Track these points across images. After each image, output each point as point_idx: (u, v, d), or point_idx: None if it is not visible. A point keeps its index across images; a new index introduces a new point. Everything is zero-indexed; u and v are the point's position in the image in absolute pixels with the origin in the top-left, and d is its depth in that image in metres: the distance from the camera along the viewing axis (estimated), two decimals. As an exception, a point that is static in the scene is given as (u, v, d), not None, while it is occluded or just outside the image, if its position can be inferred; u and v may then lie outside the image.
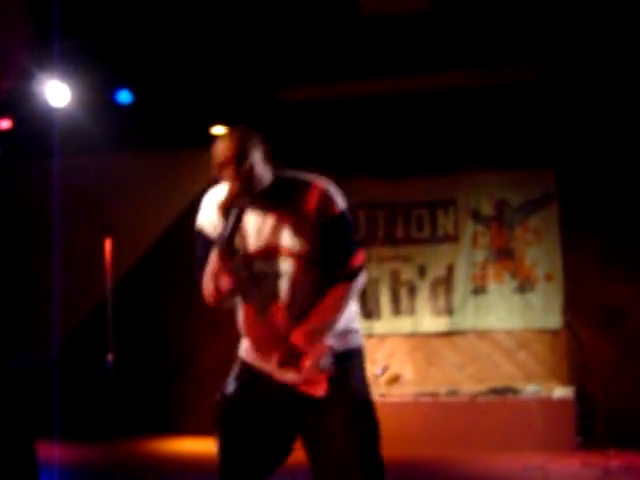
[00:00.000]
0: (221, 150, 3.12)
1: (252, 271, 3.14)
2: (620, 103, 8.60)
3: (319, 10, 7.48)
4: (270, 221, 3.13)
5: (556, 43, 7.99)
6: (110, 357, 6.87)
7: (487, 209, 9.15)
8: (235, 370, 3.37)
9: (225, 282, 3.13)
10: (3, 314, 8.95)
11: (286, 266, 3.11)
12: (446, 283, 9.17)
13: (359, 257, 3.18)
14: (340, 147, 9.40)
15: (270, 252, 3.12)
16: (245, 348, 3.34)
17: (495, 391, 8.51)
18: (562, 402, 8.15)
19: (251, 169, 3.05)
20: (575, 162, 8.84)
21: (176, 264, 9.86)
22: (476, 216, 9.17)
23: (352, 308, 3.25)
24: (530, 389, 8.41)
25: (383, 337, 9.25)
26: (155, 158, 9.62)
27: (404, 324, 9.23)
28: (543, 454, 7.50)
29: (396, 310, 9.25)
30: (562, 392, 8.28)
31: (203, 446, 8.65)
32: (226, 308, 3.32)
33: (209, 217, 3.28)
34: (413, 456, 7.50)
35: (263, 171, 3.08)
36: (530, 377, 8.78)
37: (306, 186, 3.14)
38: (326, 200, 3.13)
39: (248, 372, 3.30)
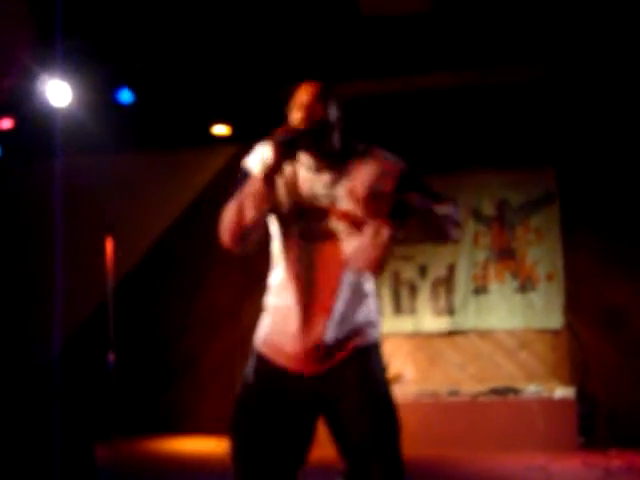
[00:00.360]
0: (302, 93, 3.12)
1: (302, 229, 3.08)
2: (621, 103, 8.60)
3: (320, 10, 7.48)
4: (327, 180, 3.10)
5: (556, 43, 7.98)
6: (111, 356, 6.88)
7: (488, 209, 9.16)
8: (250, 365, 3.22)
9: (250, 211, 2.98)
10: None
11: (338, 227, 3.07)
12: (447, 283, 9.17)
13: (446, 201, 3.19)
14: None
15: (322, 212, 3.08)
16: (264, 335, 3.20)
17: (496, 391, 8.51)
18: (563, 402, 8.15)
19: (324, 120, 3.06)
20: (576, 162, 8.84)
21: (178, 264, 9.88)
22: (477, 216, 9.18)
23: (372, 301, 3.24)
24: (531, 389, 8.41)
25: (384, 337, 9.21)
26: (157, 158, 9.62)
27: (405, 324, 9.23)
28: (544, 454, 7.51)
29: (397, 310, 9.25)
30: (563, 392, 8.28)
31: (204, 446, 8.67)
32: (243, 252, 3.10)
33: (260, 158, 3.14)
34: (414, 456, 7.48)
35: (334, 127, 3.11)
36: (531, 377, 8.79)
37: (367, 149, 3.20)
38: (391, 161, 3.18)
39: (264, 367, 3.18)
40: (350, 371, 3.09)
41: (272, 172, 2.99)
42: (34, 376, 6.40)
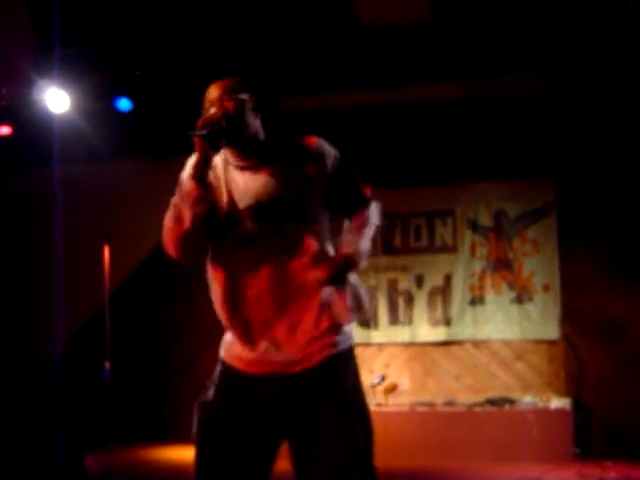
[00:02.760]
0: (211, 91, 3.10)
1: (244, 231, 2.96)
2: (620, 114, 8.62)
3: (319, 21, 7.50)
4: (263, 177, 3.00)
5: (556, 54, 8.01)
6: (108, 364, 6.87)
7: (485, 219, 9.17)
8: (215, 373, 3.17)
9: (187, 214, 2.91)
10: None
11: (284, 223, 2.96)
12: (444, 293, 9.17)
13: (366, 189, 3.17)
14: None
15: (264, 210, 2.96)
16: (227, 344, 3.15)
17: (492, 401, 8.51)
18: (559, 413, 8.14)
19: (236, 113, 2.98)
20: (574, 173, 8.86)
21: (174, 272, 9.86)
22: (474, 226, 9.18)
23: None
24: (527, 400, 8.41)
25: (380, 346, 9.25)
26: (154, 166, 9.60)
27: (401, 333, 9.23)
28: (540, 465, 7.50)
29: (393, 319, 9.25)
30: (559, 403, 8.28)
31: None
32: (190, 261, 3.04)
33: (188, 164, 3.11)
34: (409, 466, 7.50)
35: (250, 118, 3.02)
36: (527, 388, 8.79)
37: (299, 140, 3.06)
38: (323, 150, 3.05)
39: (229, 375, 3.10)
40: (320, 380, 2.96)
41: (200, 168, 2.93)
42: (34, 384, 6.40)
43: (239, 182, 3.03)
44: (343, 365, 3.01)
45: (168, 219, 3.00)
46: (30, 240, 9.56)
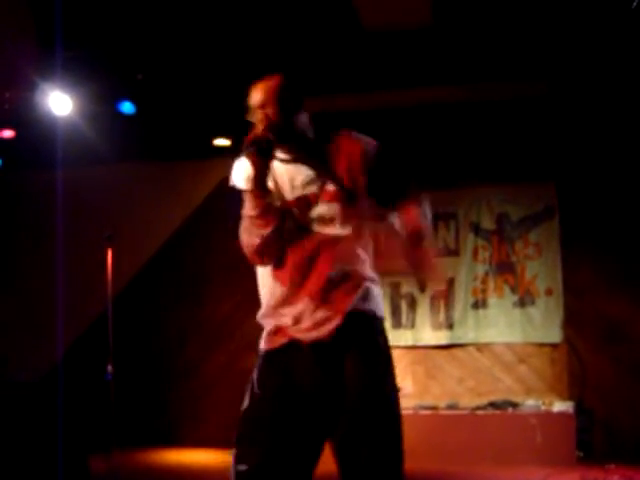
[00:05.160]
0: (257, 91, 3.11)
1: (295, 222, 3.05)
2: (621, 118, 8.62)
3: (321, 24, 7.51)
4: (307, 170, 3.08)
5: (557, 58, 8.01)
6: (110, 368, 6.88)
7: (488, 223, 9.17)
8: (257, 367, 3.14)
9: (261, 225, 2.99)
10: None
11: (330, 210, 3.04)
12: (446, 296, 9.17)
13: (414, 185, 3.24)
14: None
15: (311, 199, 3.05)
16: (266, 337, 3.14)
17: (495, 405, 8.51)
18: (562, 416, 8.14)
19: (283, 118, 3.04)
20: (576, 176, 8.86)
21: (177, 275, 9.88)
22: (477, 230, 9.18)
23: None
24: (530, 403, 8.41)
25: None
26: (157, 169, 9.64)
27: (404, 337, 9.22)
28: (542, 469, 7.49)
29: (396, 323, 9.24)
30: (562, 406, 8.27)
31: (203, 457, 8.65)
32: (273, 260, 3.09)
33: (243, 175, 3.13)
34: (412, 469, 7.48)
35: (295, 117, 3.09)
36: (530, 391, 8.78)
37: (337, 133, 3.18)
38: (362, 142, 3.15)
39: (269, 358, 3.11)
40: (354, 345, 3.04)
41: (259, 182, 2.99)
42: (34, 388, 6.39)
43: (283, 174, 3.10)
44: (380, 331, 3.16)
45: (245, 234, 3.05)
46: (33, 242, 9.58)
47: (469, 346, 9.10)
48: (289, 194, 3.07)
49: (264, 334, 3.16)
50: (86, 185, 9.17)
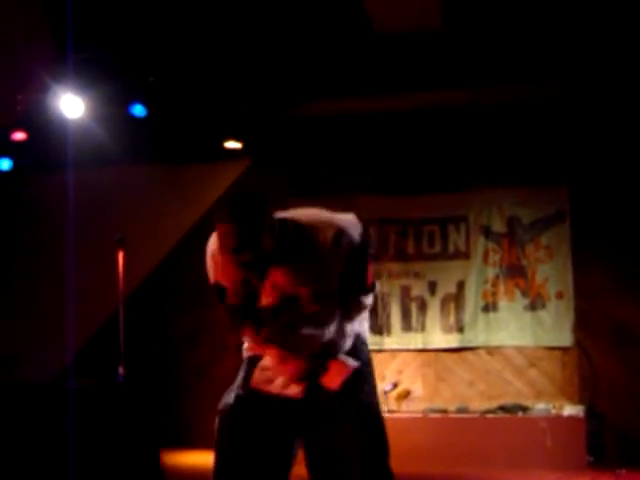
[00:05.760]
0: (224, 235, 2.93)
1: (264, 323, 3.13)
2: (634, 121, 8.60)
3: (333, 27, 7.52)
4: (284, 272, 3.04)
5: (569, 60, 8.01)
6: (122, 370, 6.88)
7: (499, 226, 9.15)
8: (239, 377, 3.34)
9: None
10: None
11: (296, 321, 3.09)
12: (457, 300, 9.16)
13: (370, 276, 3.15)
14: (352, 162, 9.44)
15: (278, 309, 3.07)
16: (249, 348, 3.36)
17: (505, 408, 8.50)
18: (572, 420, 8.12)
19: (257, 255, 2.92)
20: (587, 180, 8.84)
21: (188, 277, 9.88)
22: (487, 233, 9.17)
23: (363, 322, 3.24)
24: (540, 407, 8.39)
25: (393, 353, 9.24)
26: (168, 172, 9.65)
27: (414, 340, 9.22)
28: (553, 473, 7.48)
29: (406, 326, 9.24)
30: (572, 410, 8.25)
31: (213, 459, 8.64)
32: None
33: (218, 274, 3.25)
34: (422, 473, 7.48)
35: (266, 238, 2.92)
36: (540, 395, 8.77)
37: (314, 230, 3.01)
38: (340, 239, 3.00)
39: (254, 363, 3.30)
40: (335, 395, 3.10)
41: (241, 314, 3.16)
42: (45, 389, 6.41)
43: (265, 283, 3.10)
44: (359, 377, 3.14)
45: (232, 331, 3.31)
46: (44, 244, 9.60)
47: (479, 349, 9.08)
48: (266, 296, 3.07)
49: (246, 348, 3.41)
50: (97, 187, 9.17)
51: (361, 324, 3.24)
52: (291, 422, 3.14)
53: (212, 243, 3.19)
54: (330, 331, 3.10)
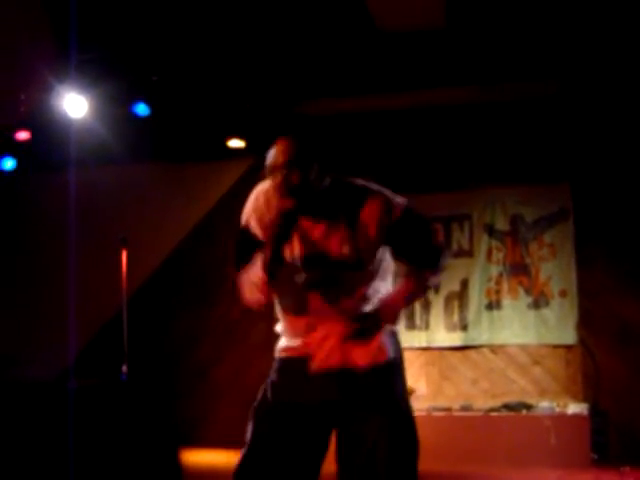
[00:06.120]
0: (278, 154, 3.01)
1: (301, 278, 3.08)
2: (635, 118, 8.60)
3: (336, 25, 7.51)
4: (321, 227, 3.06)
5: (570, 58, 8.00)
6: (125, 369, 6.90)
7: (502, 224, 9.15)
8: (269, 376, 3.25)
9: (266, 293, 3.06)
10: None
11: (336, 273, 3.07)
12: (460, 298, 9.16)
13: (439, 240, 3.28)
14: (355, 161, 9.43)
15: (319, 258, 3.05)
16: (282, 346, 3.25)
17: (509, 406, 8.49)
18: (576, 418, 8.11)
19: (305, 181, 2.96)
20: (591, 177, 8.83)
21: (191, 276, 9.89)
22: (491, 231, 9.17)
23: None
24: (544, 405, 8.38)
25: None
26: (171, 171, 9.65)
27: (418, 338, 9.21)
28: (557, 470, 7.48)
29: (410, 324, 9.24)
30: (576, 408, 8.25)
31: (219, 458, 8.66)
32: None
33: (256, 213, 3.17)
34: (427, 470, 7.47)
35: (317, 181, 3.00)
36: (544, 393, 8.76)
37: (362, 194, 3.09)
38: (385, 206, 3.07)
39: (286, 365, 3.21)
40: (369, 386, 3.09)
41: (273, 266, 3.02)
42: (47, 388, 6.42)
43: (300, 230, 3.09)
44: (392, 372, 3.17)
45: (243, 291, 3.12)
46: (47, 244, 9.61)
47: (483, 347, 9.08)
48: (298, 251, 3.07)
49: (281, 343, 3.27)
50: (100, 186, 9.18)
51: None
52: (324, 421, 3.13)
53: (262, 184, 3.18)
54: (367, 296, 3.11)
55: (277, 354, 3.26)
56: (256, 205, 3.18)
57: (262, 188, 3.18)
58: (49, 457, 5.91)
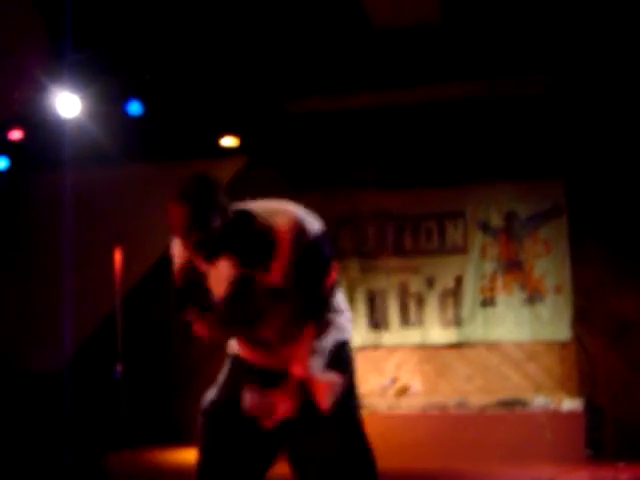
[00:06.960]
0: (172, 219, 3.03)
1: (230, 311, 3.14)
2: (629, 114, 8.60)
3: (330, 21, 7.51)
4: (235, 263, 3.07)
5: (564, 54, 8.00)
6: (119, 367, 6.90)
7: (496, 220, 9.16)
8: (222, 372, 3.43)
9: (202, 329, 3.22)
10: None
11: (261, 305, 3.10)
12: (455, 294, 9.16)
13: (332, 278, 3.12)
14: (349, 158, 9.43)
15: (238, 295, 3.10)
16: (234, 345, 3.41)
17: (504, 403, 8.50)
18: (571, 414, 8.13)
19: (206, 236, 2.96)
20: (584, 173, 8.85)
21: (185, 275, 9.86)
22: (485, 227, 9.18)
23: (341, 319, 3.24)
24: (539, 401, 8.39)
25: (391, 349, 9.24)
26: (165, 169, 9.62)
27: (413, 335, 9.22)
28: (552, 467, 7.48)
29: (405, 321, 9.24)
30: (571, 404, 8.26)
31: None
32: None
33: (179, 259, 3.38)
34: (421, 468, 7.49)
35: (219, 225, 2.98)
36: (539, 389, 8.77)
37: (270, 229, 3.02)
38: (295, 236, 3.01)
39: (238, 362, 3.36)
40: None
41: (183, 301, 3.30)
42: (43, 387, 6.42)
43: (211, 274, 3.18)
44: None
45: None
46: (41, 243, 9.59)
47: (478, 344, 9.09)
48: (215, 293, 3.16)
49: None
50: (94, 185, 9.16)
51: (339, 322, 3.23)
52: (274, 432, 3.14)
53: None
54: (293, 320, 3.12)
55: (230, 351, 3.43)
56: (178, 250, 3.35)
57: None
58: (44, 459, 5.92)
